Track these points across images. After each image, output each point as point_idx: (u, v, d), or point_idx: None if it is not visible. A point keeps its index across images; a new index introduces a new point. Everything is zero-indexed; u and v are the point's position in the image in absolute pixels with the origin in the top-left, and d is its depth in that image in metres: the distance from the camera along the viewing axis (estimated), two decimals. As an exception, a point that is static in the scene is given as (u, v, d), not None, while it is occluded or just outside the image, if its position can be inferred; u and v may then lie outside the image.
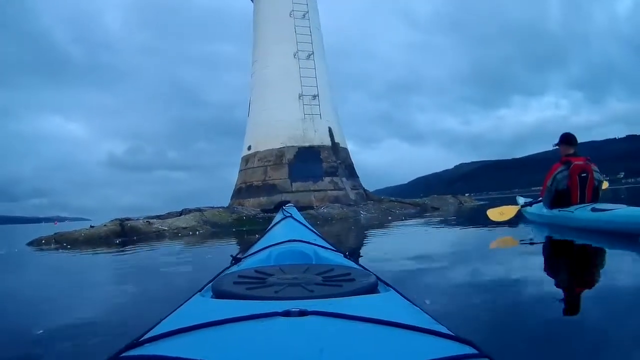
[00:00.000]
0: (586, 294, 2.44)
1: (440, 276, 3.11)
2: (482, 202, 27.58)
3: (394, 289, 1.18)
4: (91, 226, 10.77)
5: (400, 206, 19.31)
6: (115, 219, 11.23)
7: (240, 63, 20.85)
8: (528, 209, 7.59)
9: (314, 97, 18.66)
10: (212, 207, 13.12)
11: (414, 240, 6.86)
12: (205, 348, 0.71)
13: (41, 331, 2.24)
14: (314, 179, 18.07)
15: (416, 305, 1.06)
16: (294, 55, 18.89)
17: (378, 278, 1.22)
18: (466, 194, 28.20)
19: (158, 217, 13.96)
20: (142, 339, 0.79)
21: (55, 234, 10.53)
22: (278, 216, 2.92)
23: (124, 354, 0.73)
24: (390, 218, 14.17)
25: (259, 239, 2.17)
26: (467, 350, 0.72)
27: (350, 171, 19.77)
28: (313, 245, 1.74)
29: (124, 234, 10.39)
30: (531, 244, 4.97)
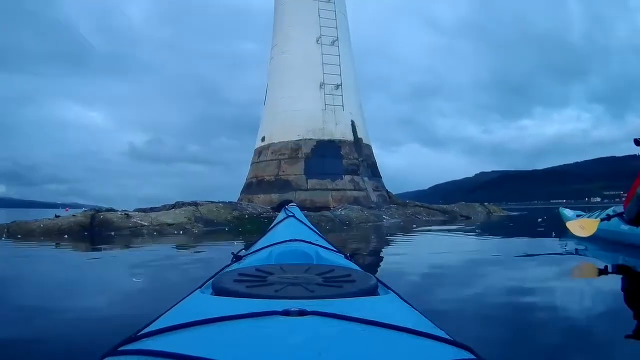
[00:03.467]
0: None
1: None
2: (513, 213, 25.11)
3: (393, 291, 1.13)
4: (56, 215, 8.61)
5: (427, 212, 16.71)
6: (90, 209, 9.05)
7: (262, 61, 18.71)
8: (604, 224, 6.08)
9: (337, 86, 16.18)
10: (211, 202, 10.82)
11: (475, 263, 4.51)
12: (203, 345, 0.67)
13: None
14: (332, 176, 15.55)
15: (415, 309, 1.00)
16: (317, 41, 16.46)
17: (378, 280, 1.13)
18: (485, 203, 25.63)
19: (152, 209, 11.74)
20: (140, 333, 0.75)
21: (12, 222, 8.39)
22: (280, 215, 2.57)
23: (121, 348, 0.70)
24: (415, 226, 11.71)
25: (260, 238, 2.01)
26: (465, 355, 0.70)
27: (373, 170, 17.19)
28: (314, 246, 1.66)
29: (92, 228, 8.18)
30: (607, 273, 3.95)
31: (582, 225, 6.35)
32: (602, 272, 3.99)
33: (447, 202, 22.94)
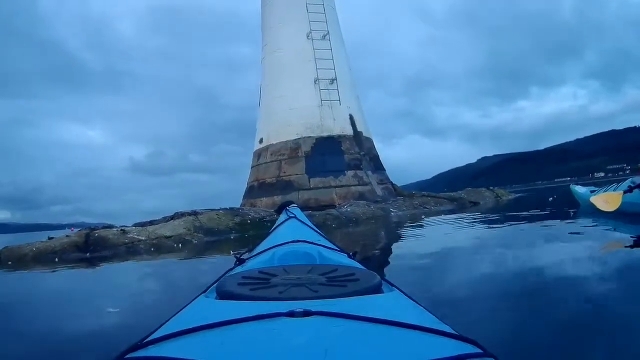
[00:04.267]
0: None
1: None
2: (520, 195, 24.66)
3: (398, 289, 1.11)
4: (49, 237, 8.15)
5: (435, 201, 16.16)
6: (84, 228, 8.59)
7: (258, 64, 17.99)
8: (627, 196, 6.15)
9: (332, 81, 15.66)
10: (211, 210, 10.34)
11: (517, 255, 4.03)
12: (210, 349, 0.67)
13: None
14: (335, 173, 15.04)
15: (420, 305, 0.98)
16: (307, 36, 15.95)
17: (382, 278, 1.11)
18: (492, 188, 25.38)
19: (151, 222, 11.27)
20: (146, 340, 0.74)
21: (4, 248, 7.93)
22: (282, 217, 2.47)
23: (128, 356, 0.69)
24: (423, 217, 11.20)
25: (262, 240, 1.99)
26: (472, 349, 0.69)
27: (376, 163, 16.66)
28: (317, 246, 1.64)
29: (87, 247, 7.71)
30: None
31: (606, 200, 6.37)
32: (634, 244, 3.85)
33: (452, 189, 22.45)
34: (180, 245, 7.72)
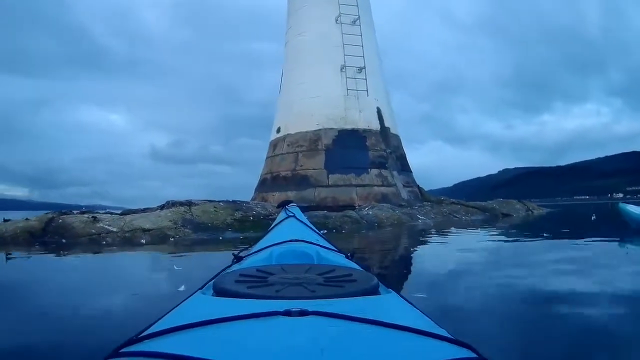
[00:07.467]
0: None
1: None
2: (551, 210, 22.45)
3: (394, 291, 1.05)
4: (5, 220, 6.49)
5: (465, 210, 14.05)
6: (49, 212, 6.89)
7: (281, 59, 16.00)
8: None
9: (360, 69, 13.70)
10: (209, 201, 8.54)
11: None
12: (205, 346, 0.65)
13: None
14: (357, 170, 13.06)
15: (417, 308, 0.93)
16: (336, 20, 14.03)
17: (379, 280, 1.05)
18: (520, 200, 23.38)
19: (144, 210, 9.56)
20: (141, 335, 0.72)
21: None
22: (281, 215, 2.34)
23: (123, 350, 0.67)
24: (453, 228, 9.26)
25: (261, 238, 1.88)
26: (466, 353, 0.67)
27: (403, 163, 14.60)
28: (315, 246, 1.57)
29: (44, 236, 6.00)
30: None
31: None
32: None
33: (472, 199, 20.35)
34: (143, 241, 5.92)
